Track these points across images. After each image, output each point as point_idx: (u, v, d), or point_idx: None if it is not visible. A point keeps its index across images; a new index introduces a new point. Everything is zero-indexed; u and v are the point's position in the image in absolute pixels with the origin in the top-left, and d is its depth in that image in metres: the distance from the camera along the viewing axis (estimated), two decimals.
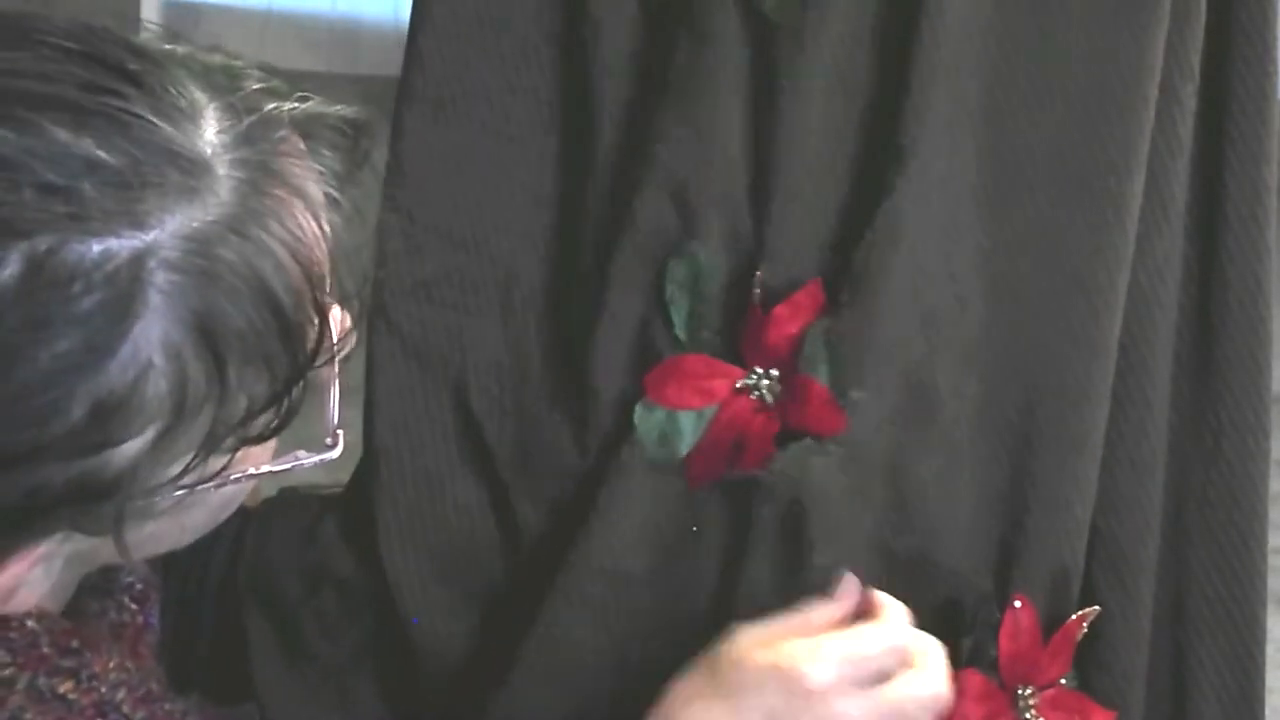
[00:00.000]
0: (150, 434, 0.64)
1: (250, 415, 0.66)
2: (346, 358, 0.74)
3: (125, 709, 0.72)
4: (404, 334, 0.96)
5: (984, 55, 0.90)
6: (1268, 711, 1.02)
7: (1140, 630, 0.98)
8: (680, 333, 0.91)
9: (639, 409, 0.90)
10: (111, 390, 0.62)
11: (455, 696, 0.97)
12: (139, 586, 0.81)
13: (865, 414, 0.90)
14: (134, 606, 0.80)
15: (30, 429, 0.61)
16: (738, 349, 0.92)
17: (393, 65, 0.97)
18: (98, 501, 0.64)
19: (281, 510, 1.04)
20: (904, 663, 0.85)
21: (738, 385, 0.91)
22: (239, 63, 0.68)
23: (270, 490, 1.03)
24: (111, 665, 0.73)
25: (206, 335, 0.63)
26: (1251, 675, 1.00)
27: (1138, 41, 0.90)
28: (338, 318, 0.71)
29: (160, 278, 0.62)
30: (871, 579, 0.91)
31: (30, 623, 0.70)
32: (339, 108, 0.70)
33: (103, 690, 0.71)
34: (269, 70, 0.69)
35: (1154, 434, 0.96)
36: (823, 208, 0.90)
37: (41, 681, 0.69)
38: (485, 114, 0.95)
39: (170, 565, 1.01)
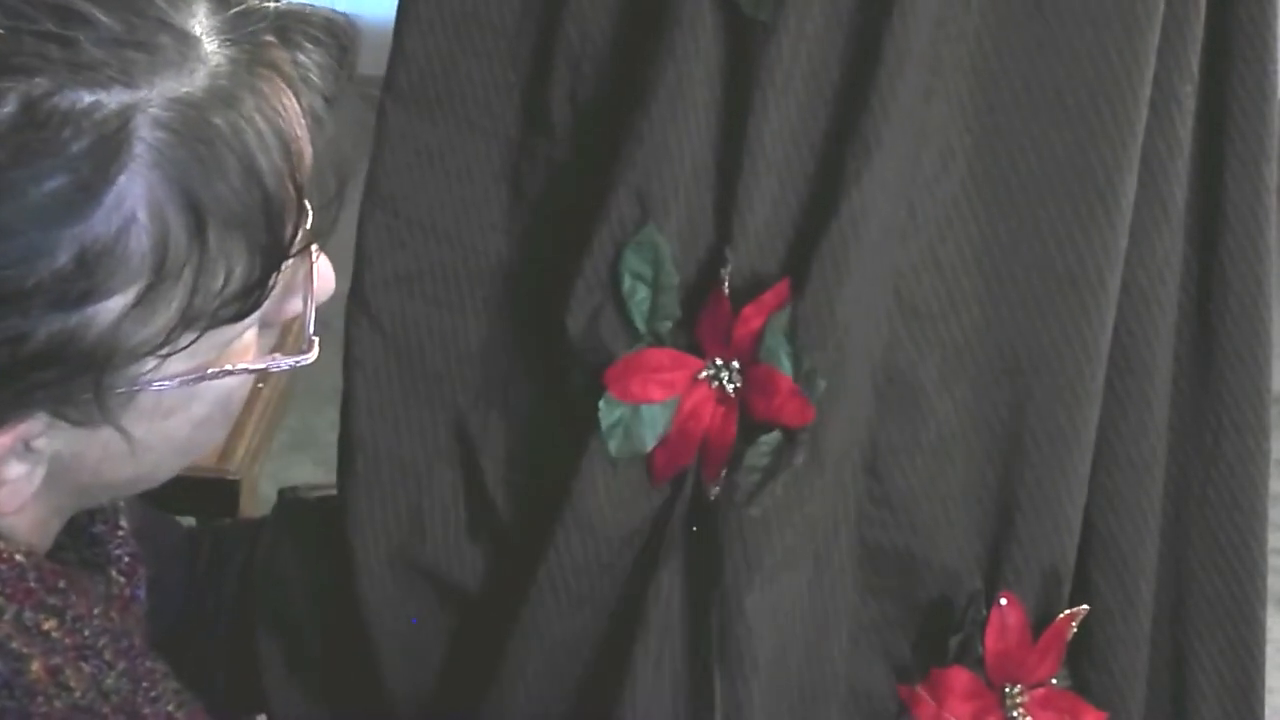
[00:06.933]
0: (132, 294, 0.65)
1: (228, 289, 0.68)
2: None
3: (107, 656, 0.73)
4: (383, 327, 0.96)
5: (973, 53, 0.90)
6: (1268, 711, 1.02)
7: (1140, 630, 0.98)
8: (639, 324, 0.91)
9: (602, 405, 0.90)
10: (96, 237, 0.64)
11: (441, 695, 0.97)
12: (126, 560, 0.82)
13: (834, 406, 0.90)
14: (122, 579, 0.81)
15: (16, 267, 0.63)
16: (694, 339, 0.92)
17: None
18: (80, 370, 0.66)
19: (291, 523, 1.04)
20: None
21: (698, 375, 0.91)
22: None
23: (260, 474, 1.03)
24: (96, 613, 0.74)
25: (189, 195, 0.65)
26: (1251, 675, 1.00)
27: (1130, 40, 0.90)
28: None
29: (147, 132, 0.64)
30: (856, 573, 0.91)
31: (19, 557, 0.71)
32: (319, 9, 0.73)
33: (85, 634, 0.73)
34: None
35: (1154, 433, 0.96)
36: (790, 201, 0.90)
37: (27, 616, 0.71)
38: (468, 110, 0.95)
39: (185, 584, 1.01)
